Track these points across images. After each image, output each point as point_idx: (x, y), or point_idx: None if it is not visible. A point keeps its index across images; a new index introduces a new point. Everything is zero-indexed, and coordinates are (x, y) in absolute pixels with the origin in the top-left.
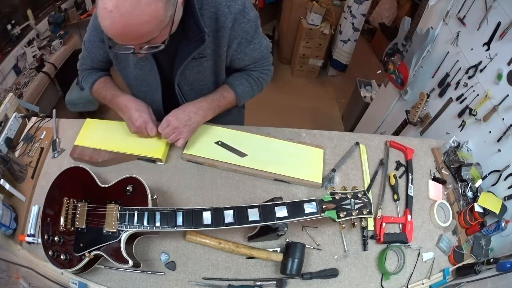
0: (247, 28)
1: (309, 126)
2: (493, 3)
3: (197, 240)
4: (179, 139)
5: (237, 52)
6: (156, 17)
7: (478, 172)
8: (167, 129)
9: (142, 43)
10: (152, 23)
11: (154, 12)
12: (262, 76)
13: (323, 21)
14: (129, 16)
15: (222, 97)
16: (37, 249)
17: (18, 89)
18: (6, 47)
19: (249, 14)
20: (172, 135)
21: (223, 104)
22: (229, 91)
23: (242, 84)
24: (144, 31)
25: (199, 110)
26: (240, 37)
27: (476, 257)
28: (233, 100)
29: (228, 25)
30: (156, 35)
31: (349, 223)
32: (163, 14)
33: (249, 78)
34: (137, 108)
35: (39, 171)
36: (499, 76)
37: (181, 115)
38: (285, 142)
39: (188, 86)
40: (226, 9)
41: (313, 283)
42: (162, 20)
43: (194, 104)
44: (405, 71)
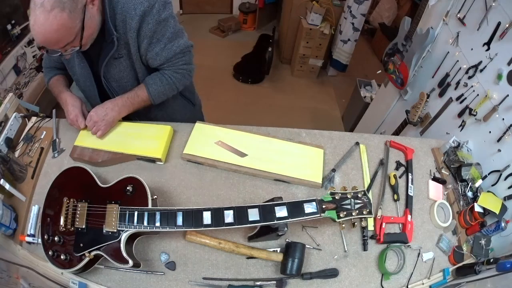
0: (154, 28)
1: (309, 126)
2: (493, 3)
3: (197, 240)
4: (98, 131)
5: (149, 52)
6: (63, 25)
7: (478, 172)
8: (90, 122)
9: (64, 47)
10: (61, 30)
11: (60, 21)
12: (175, 76)
13: (323, 21)
14: (43, 28)
15: (136, 96)
16: (37, 249)
17: (18, 89)
18: (6, 47)
19: (158, 14)
20: (93, 128)
21: (137, 102)
22: (143, 90)
23: (155, 84)
24: (58, 38)
25: (115, 107)
26: (148, 37)
27: (476, 257)
28: (146, 98)
29: (135, 27)
30: (72, 39)
31: (349, 223)
32: (69, 22)
33: (162, 77)
34: (73, 103)
35: (39, 171)
36: (499, 76)
37: (100, 110)
38: (285, 142)
39: (115, 83)
40: (133, 11)
41: (313, 283)
42: (70, 27)
43: (112, 101)
44: (405, 71)
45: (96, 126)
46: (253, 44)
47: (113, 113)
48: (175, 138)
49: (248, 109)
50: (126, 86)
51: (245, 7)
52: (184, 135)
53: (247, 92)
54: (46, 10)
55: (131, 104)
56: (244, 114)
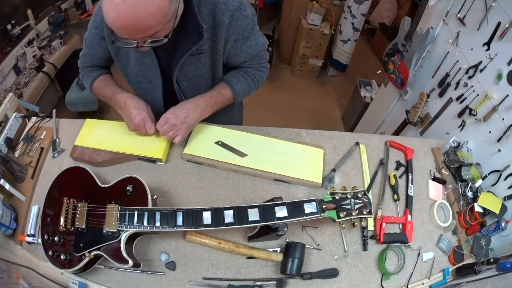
0: (244, 25)
1: (309, 126)
2: (493, 3)
3: (197, 240)
4: (177, 136)
5: (234, 49)
6: (162, 9)
7: (478, 172)
8: (165, 126)
9: (146, 37)
10: (158, 15)
11: (161, 4)
12: (258, 73)
13: (323, 21)
14: (135, 8)
15: (219, 94)
16: (37, 249)
17: (18, 89)
18: (6, 47)
19: (246, 11)
20: (170, 132)
21: (221, 101)
22: (226, 88)
23: (239, 81)
24: (149, 24)
25: (197, 108)
26: (237, 34)
27: (476, 257)
28: (230, 97)
29: (226, 22)
30: (160, 29)
31: (349, 223)
32: (168, 7)
33: (246, 75)
34: (136, 106)
35: (39, 171)
36: (499, 76)
37: (179, 112)
38: (285, 142)
39: (187, 82)
40: (224, 6)
41: (313, 283)
42: (166, 13)
43: (192, 101)
44: (405, 71)
45: (175, 130)
46: None
47: (195, 115)
48: None
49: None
50: (200, 86)
51: None
52: None
53: None
54: None
55: (214, 103)
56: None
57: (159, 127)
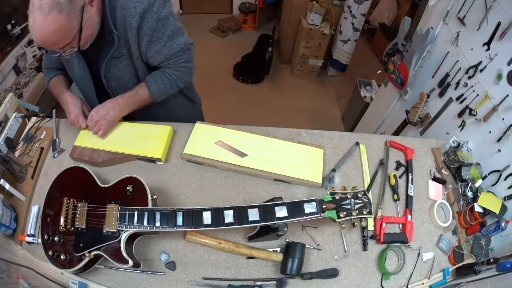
0: (154, 26)
1: (309, 126)
2: (493, 3)
3: (197, 240)
4: (99, 131)
5: (149, 50)
6: (61, 27)
7: (478, 172)
8: (91, 122)
9: (63, 48)
10: (59, 32)
11: (58, 23)
12: (176, 73)
13: (323, 21)
14: (41, 30)
15: (136, 94)
16: (37, 249)
17: (18, 89)
18: (6, 47)
19: (158, 12)
20: (94, 127)
21: (138, 101)
22: (144, 88)
23: (155, 82)
24: (56, 39)
25: (116, 106)
26: (148, 35)
27: (476, 257)
28: (147, 97)
29: (134, 25)
30: (71, 40)
31: (349, 223)
32: (67, 24)
33: (163, 76)
34: (73, 103)
35: (39, 171)
36: (499, 76)
37: (101, 110)
38: (285, 142)
39: (115, 82)
40: (133, 10)
41: (313, 283)
42: (68, 29)
43: (113, 100)
44: (405, 71)
45: (97, 126)
46: (253, 44)
47: (114, 112)
48: (175, 138)
49: (248, 109)
50: (127, 85)
51: (245, 7)
52: (184, 135)
53: (247, 92)
54: (44, 12)
55: (132, 102)
56: (244, 114)
57: (87, 123)
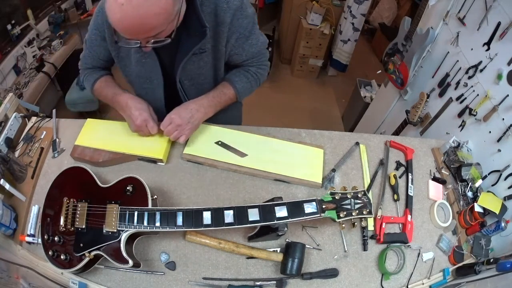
0: (245, 24)
1: (309, 126)
2: (493, 3)
3: (197, 240)
4: (182, 136)
5: (235, 47)
6: (166, 9)
7: (478, 172)
8: (169, 126)
9: (149, 37)
10: (162, 16)
11: (165, 5)
12: (259, 72)
13: (323, 21)
14: (140, 9)
15: (222, 94)
16: (37, 249)
17: (18, 89)
18: (6, 47)
19: (247, 10)
20: (175, 132)
21: (223, 101)
22: (229, 88)
23: (241, 80)
24: (154, 24)
25: (201, 107)
26: (239, 33)
27: (476, 257)
28: (233, 96)
29: (227, 21)
30: (163, 29)
31: (349, 223)
32: (172, 7)
33: (247, 74)
34: (138, 106)
35: (39, 171)
36: (499, 76)
37: (183, 112)
38: (285, 142)
39: (189, 82)
40: (225, 5)
41: (313, 283)
42: (170, 13)
43: (195, 101)
44: (405, 71)
45: (179, 130)
46: None
47: (199, 115)
48: None
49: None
50: (202, 85)
51: None
52: None
53: None
54: None
55: (218, 103)
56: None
57: (163, 128)
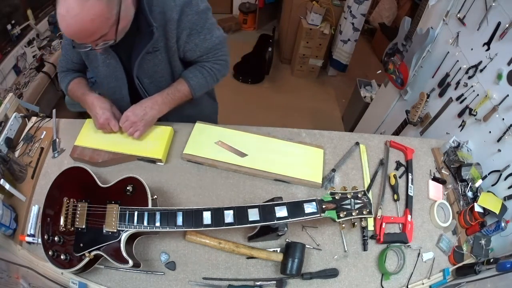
0: (194, 19)
1: (309, 126)
2: (493, 3)
3: (197, 240)
4: (136, 132)
5: (188, 44)
6: (100, 15)
7: (478, 172)
8: (125, 123)
9: (96, 40)
10: (97, 21)
11: (98, 11)
12: (215, 67)
13: (323, 21)
14: (77, 17)
15: (176, 91)
16: (37, 249)
17: (18, 89)
18: (6, 47)
19: (197, 5)
20: (130, 129)
21: (178, 97)
22: (183, 84)
23: (195, 76)
24: (92, 29)
25: (155, 105)
26: (189, 29)
27: (476, 257)
28: (188, 93)
29: (175, 18)
30: (106, 32)
31: (349, 223)
32: (107, 12)
33: (203, 70)
34: (101, 106)
35: (39, 171)
36: (499, 76)
37: (138, 110)
38: (285, 142)
39: (148, 79)
40: (172, 2)
41: (313, 283)
42: (107, 18)
43: (150, 99)
44: (405, 71)
45: (134, 127)
46: (253, 44)
47: (153, 112)
48: (175, 138)
49: (248, 109)
50: (160, 82)
51: (245, 7)
52: (184, 135)
53: (247, 92)
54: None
55: (172, 100)
56: (244, 114)
57: (121, 124)
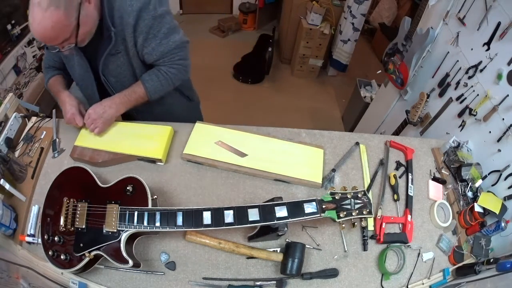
0: (151, 24)
1: (309, 126)
2: (493, 3)
3: (197, 240)
4: (96, 129)
5: (145, 47)
6: (59, 22)
7: (478, 172)
8: (88, 120)
9: (62, 43)
10: (57, 27)
11: (56, 19)
12: (171, 71)
13: (323, 21)
14: (40, 25)
15: (133, 92)
16: (37, 249)
17: (18, 89)
18: (6, 47)
19: (154, 10)
20: (91, 125)
21: (134, 99)
22: (140, 86)
23: (151, 80)
24: (54, 35)
25: (113, 104)
26: (145, 33)
27: (476, 257)
28: (144, 95)
29: (131, 23)
30: (68, 36)
31: (349, 223)
32: (65, 19)
33: (158, 73)
34: (70, 103)
35: (39, 171)
36: (499, 76)
37: (98, 108)
38: (285, 142)
39: (114, 79)
40: (129, 8)
41: (313, 283)
42: (65, 25)
43: (110, 99)
44: (405, 71)
45: (94, 124)
46: (253, 44)
47: (111, 111)
48: (175, 138)
49: (248, 109)
50: (124, 82)
51: (245, 7)
52: (184, 135)
53: (247, 92)
54: (42, 8)
55: (128, 101)
56: (244, 114)
57: (85, 121)
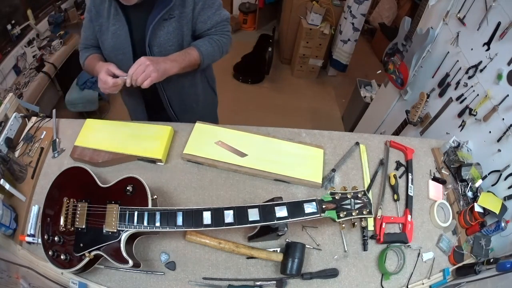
0: None
1: (309, 126)
2: (493, 3)
3: (197, 240)
4: (148, 79)
5: (201, 16)
6: None
7: (478, 172)
8: (139, 68)
9: None
10: None
11: None
12: (222, 40)
13: (323, 21)
14: None
15: (187, 54)
16: (37, 249)
17: (18, 89)
18: (6, 47)
19: None
20: (142, 74)
21: (187, 60)
22: (194, 50)
23: (205, 45)
24: None
25: (166, 60)
26: (203, 1)
27: (476, 257)
28: (197, 57)
29: None
30: None
31: (349, 223)
32: None
33: (211, 40)
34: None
35: (39, 171)
36: (499, 76)
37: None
38: (285, 142)
39: (158, 48)
40: None
41: (313, 283)
42: None
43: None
44: (405, 71)
45: (147, 71)
46: (253, 44)
47: (165, 65)
48: (175, 138)
49: (248, 109)
50: (169, 52)
51: (245, 7)
52: (184, 135)
53: (247, 92)
54: None
55: (182, 60)
56: (244, 114)
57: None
